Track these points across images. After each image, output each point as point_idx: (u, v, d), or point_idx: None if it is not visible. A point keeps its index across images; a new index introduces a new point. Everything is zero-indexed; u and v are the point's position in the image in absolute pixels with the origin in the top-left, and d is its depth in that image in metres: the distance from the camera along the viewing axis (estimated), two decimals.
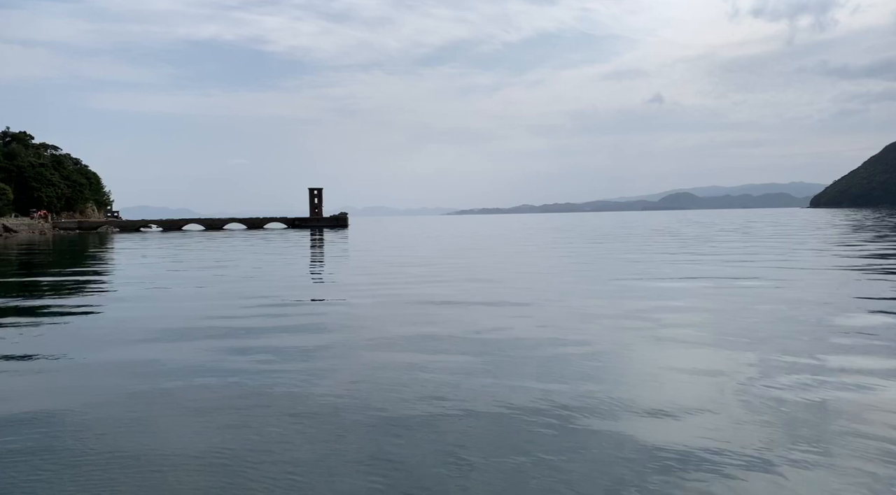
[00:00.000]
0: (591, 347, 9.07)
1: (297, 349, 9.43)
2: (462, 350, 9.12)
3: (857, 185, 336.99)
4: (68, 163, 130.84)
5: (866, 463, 4.96)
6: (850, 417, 5.98)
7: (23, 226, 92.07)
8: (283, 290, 17.15)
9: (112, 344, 10.16)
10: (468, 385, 7.28)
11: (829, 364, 7.93)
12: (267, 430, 5.95)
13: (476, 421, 6.06)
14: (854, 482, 4.66)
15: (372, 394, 6.99)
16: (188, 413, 6.54)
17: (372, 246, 42.02)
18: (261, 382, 7.59)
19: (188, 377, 7.91)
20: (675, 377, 7.50)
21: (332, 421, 6.16)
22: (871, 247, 28.94)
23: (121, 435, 5.92)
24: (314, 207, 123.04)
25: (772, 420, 5.95)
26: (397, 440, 5.63)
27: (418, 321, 11.70)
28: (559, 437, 5.60)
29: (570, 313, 12.25)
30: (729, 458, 5.07)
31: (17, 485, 4.90)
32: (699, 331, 10.07)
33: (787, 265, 21.43)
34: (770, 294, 14.25)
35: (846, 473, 4.80)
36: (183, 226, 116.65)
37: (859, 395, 6.66)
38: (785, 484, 4.64)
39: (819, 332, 9.84)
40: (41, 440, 5.81)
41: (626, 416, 6.10)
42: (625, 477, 4.79)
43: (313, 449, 5.49)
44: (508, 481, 4.77)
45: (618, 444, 5.41)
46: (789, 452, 5.18)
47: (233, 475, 5.00)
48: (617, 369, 7.95)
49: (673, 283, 17.00)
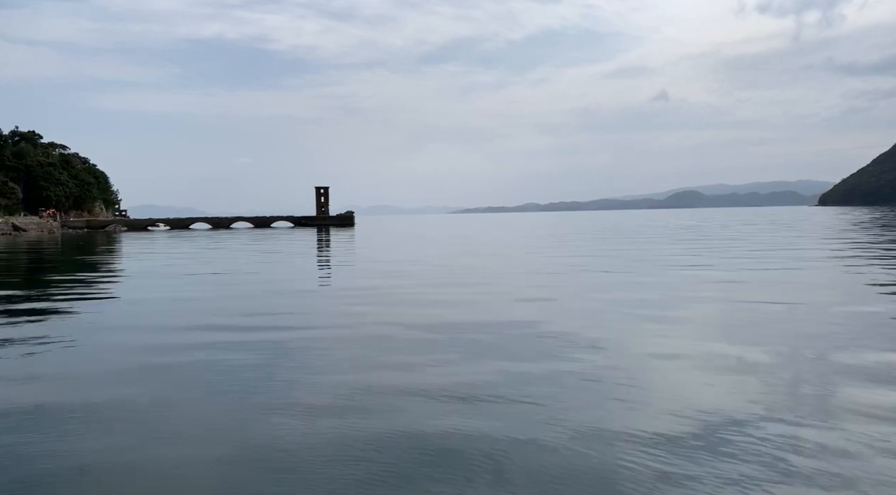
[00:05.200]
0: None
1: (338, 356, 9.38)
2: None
3: (866, 183, 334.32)
4: (76, 162, 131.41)
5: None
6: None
7: (32, 225, 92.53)
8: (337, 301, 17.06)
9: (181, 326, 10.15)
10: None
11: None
12: (271, 428, 5.92)
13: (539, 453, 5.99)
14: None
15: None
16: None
17: (397, 247, 41.50)
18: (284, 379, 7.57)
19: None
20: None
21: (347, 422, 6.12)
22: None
23: (120, 433, 5.91)
24: (320, 206, 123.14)
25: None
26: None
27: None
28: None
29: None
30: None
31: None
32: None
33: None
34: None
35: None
36: (190, 224, 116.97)
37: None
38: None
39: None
40: (42, 441, 5.79)
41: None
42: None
43: (318, 449, 5.45)
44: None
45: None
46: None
47: (236, 472, 4.97)
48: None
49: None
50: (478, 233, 59.16)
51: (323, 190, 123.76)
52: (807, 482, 4.51)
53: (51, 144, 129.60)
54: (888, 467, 4.73)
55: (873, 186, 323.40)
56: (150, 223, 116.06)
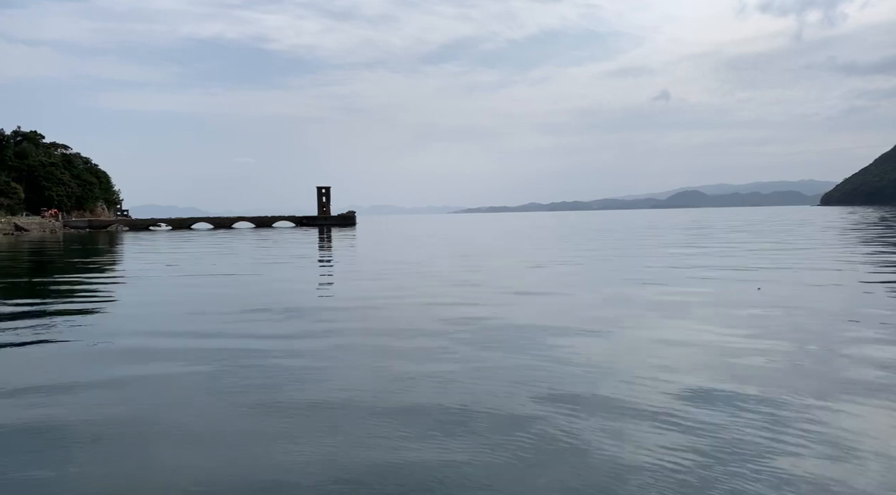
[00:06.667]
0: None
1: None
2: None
3: (868, 183, 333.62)
4: (78, 162, 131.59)
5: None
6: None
7: (34, 225, 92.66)
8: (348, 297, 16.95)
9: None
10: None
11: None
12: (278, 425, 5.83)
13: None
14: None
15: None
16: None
17: (416, 251, 40.69)
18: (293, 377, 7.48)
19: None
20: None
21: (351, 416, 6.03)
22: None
23: (118, 428, 5.83)
24: (322, 206, 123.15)
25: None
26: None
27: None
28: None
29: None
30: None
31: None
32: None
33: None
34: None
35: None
36: (192, 224, 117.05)
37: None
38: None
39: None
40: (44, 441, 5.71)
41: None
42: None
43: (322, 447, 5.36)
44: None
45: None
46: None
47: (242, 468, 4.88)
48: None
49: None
50: (485, 238, 58.94)
51: (324, 190, 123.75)
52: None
53: (53, 144, 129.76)
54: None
55: (876, 186, 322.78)
56: (152, 223, 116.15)
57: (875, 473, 4.69)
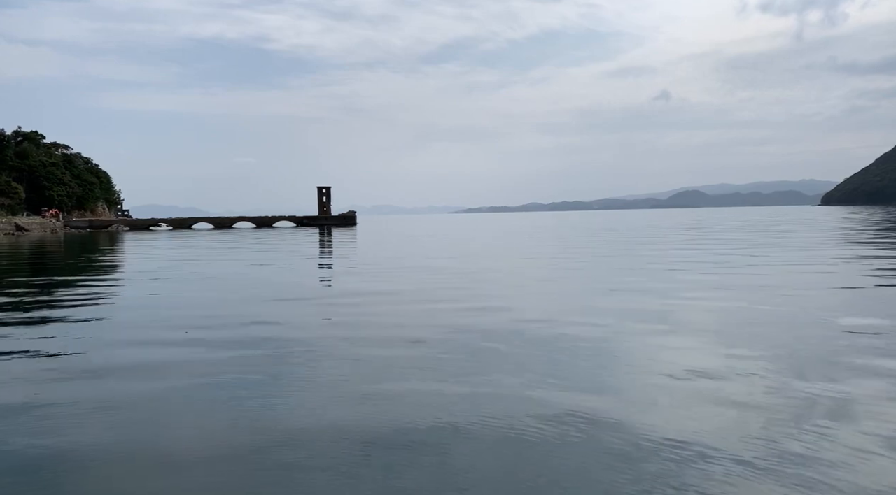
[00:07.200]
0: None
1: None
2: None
3: (869, 183, 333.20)
4: (79, 162, 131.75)
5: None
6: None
7: (35, 225, 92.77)
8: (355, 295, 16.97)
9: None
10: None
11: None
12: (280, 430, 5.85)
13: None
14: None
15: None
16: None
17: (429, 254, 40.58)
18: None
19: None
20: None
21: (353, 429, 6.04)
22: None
23: (118, 431, 5.84)
24: (322, 206, 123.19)
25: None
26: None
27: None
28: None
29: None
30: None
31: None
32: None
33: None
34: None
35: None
36: (192, 224, 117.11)
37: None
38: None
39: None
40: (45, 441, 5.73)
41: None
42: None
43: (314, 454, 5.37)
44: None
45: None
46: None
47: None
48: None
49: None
50: (483, 237, 59.01)
51: (325, 190, 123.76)
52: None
53: (53, 144, 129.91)
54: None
55: (877, 186, 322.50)
56: (153, 223, 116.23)
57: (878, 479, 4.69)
